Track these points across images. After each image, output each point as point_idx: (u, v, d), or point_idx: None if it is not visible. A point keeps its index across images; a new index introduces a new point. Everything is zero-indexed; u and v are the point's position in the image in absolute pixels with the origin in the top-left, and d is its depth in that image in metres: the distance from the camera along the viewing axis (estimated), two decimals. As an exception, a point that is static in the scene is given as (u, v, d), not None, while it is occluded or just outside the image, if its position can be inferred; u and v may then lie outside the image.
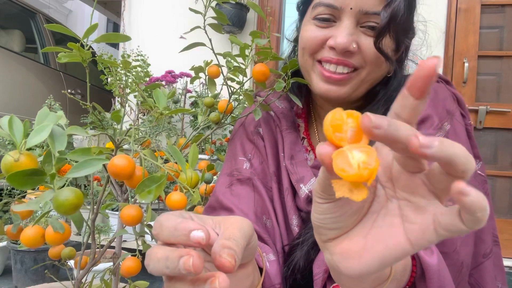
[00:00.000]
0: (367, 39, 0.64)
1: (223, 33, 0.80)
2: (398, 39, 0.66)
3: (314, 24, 0.67)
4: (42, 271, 1.99)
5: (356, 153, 0.27)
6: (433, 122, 0.66)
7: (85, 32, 0.54)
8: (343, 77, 0.65)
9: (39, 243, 0.64)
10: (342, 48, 0.63)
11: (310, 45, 0.67)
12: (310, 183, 0.70)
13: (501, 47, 2.59)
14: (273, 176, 0.75)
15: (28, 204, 0.50)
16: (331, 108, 0.73)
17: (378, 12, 0.63)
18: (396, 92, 0.70)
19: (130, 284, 0.81)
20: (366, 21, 0.64)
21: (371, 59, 0.64)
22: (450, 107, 0.69)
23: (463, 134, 0.68)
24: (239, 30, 2.74)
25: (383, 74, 0.69)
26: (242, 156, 0.77)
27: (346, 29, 0.63)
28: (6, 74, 3.08)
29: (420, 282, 0.50)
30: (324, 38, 0.66)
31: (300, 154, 0.75)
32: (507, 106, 2.54)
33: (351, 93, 0.67)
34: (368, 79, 0.67)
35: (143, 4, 3.02)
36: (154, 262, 0.31)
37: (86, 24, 8.78)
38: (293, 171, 0.72)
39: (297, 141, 0.76)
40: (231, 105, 0.85)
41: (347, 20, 0.63)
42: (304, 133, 0.80)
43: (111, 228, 2.16)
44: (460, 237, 0.60)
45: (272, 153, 0.77)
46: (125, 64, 0.75)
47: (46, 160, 0.46)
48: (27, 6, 3.58)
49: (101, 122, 0.71)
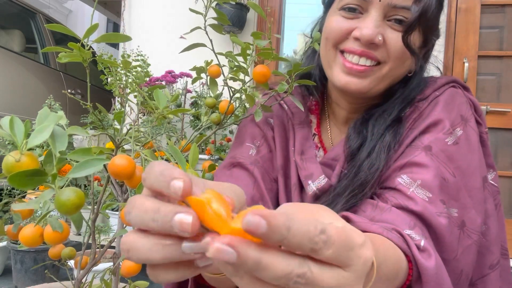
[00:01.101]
0: (393, 33, 0.63)
1: (224, 34, 0.80)
2: (426, 35, 0.65)
3: (341, 14, 0.66)
4: (42, 271, 1.99)
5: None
6: (444, 126, 0.64)
7: (86, 32, 0.54)
8: (364, 68, 0.64)
9: (38, 243, 0.63)
10: (367, 40, 0.62)
11: (335, 35, 0.66)
12: (319, 180, 0.69)
13: (501, 47, 2.59)
14: (280, 169, 0.74)
15: (28, 203, 0.50)
16: (347, 104, 0.74)
17: (406, 6, 0.62)
18: (415, 92, 0.69)
19: (130, 284, 0.81)
20: (394, 15, 0.63)
21: (395, 54, 0.63)
22: (465, 112, 0.68)
23: (476, 142, 0.66)
24: (239, 30, 2.74)
25: (405, 71, 0.68)
26: (249, 143, 0.76)
27: (373, 20, 0.62)
28: (6, 74, 3.07)
29: (417, 285, 0.50)
30: (349, 28, 0.65)
31: (311, 150, 0.74)
32: (507, 106, 2.54)
33: (372, 88, 0.66)
34: (390, 75, 0.66)
35: (143, 4, 3.02)
36: (140, 212, 0.27)
37: (86, 24, 8.77)
38: (303, 167, 0.71)
39: (308, 136, 0.76)
40: (232, 106, 0.85)
41: (375, 12, 0.63)
42: (316, 129, 0.79)
43: (111, 228, 2.16)
44: (462, 245, 0.59)
45: (281, 146, 0.76)
46: (125, 64, 0.75)
47: (47, 160, 0.46)
48: (27, 6, 3.58)
49: (101, 122, 0.71)
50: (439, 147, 0.63)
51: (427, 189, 0.59)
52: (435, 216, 0.57)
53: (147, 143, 0.69)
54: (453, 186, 0.61)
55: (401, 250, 0.49)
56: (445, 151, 0.62)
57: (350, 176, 0.65)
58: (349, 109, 0.74)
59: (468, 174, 0.63)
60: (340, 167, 0.69)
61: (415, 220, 0.56)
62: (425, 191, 0.59)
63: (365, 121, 0.70)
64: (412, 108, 0.69)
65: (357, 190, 0.63)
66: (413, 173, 0.61)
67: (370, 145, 0.66)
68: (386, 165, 0.64)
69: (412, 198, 0.58)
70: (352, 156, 0.68)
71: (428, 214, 0.57)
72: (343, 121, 0.77)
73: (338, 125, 0.78)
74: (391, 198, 0.60)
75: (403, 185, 0.60)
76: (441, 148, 0.63)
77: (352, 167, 0.66)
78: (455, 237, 0.59)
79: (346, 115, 0.76)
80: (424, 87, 0.70)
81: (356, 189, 0.63)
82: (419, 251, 0.50)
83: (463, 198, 0.61)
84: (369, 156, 0.65)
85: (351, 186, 0.64)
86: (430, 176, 0.60)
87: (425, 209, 0.57)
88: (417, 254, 0.49)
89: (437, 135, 0.64)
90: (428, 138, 0.64)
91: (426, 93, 0.70)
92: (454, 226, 0.59)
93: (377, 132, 0.67)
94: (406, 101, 0.69)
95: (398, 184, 0.61)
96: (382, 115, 0.68)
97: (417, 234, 0.53)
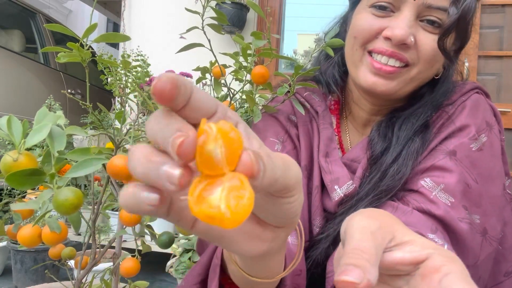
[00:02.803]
0: (426, 34, 0.61)
1: (223, 34, 0.80)
2: (462, 38, 0.63)
3: (371, 12, 0.63)
4: (42, 271, 1.99)
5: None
6: (470, 132, 0.63)
7: (85, 32, 0.54)
8: (393, 69, 0.61)
9: (36, 243, 0.63)
10: (399, 40, 0.59)
11: (364, 34, 0.63)
12: (347, 186, 0.66)
13: (501, 47, 2.59)
14: (304, 170, 0.70)
15: (28, 204, 0.50)
16: (369, 105, 0.71)
17: (443, 7, 0.59)
18: (443, 97, 0.67)
19: (130, 284, 0.81)
20: (427, 15, 0.60)
21: (426, 57, 0.61)
22: (490, 119, 0.66)
23: (498, 149, 0.65)
24: (239, 30, 2.74)
25: (433, 74, 0.66)
26: (273, 137, 0.71)
27: (406, 20, 0.59)
28: (6, 74, 3.07)
29: None
30: (380, 27, 0.62)
31: (335, 152, 0.70)
32: (507, 106, 2.54)
33: (398, 90, 0.64)
34: (418, 78, 0.64)
35: (143, 4, 3.02)
36: (133, 161, 0.24)
37: (86, 24, 8.73)
38: (328, 170, 0.68)
39: (332, 137, 0.72)
40: (233, 106, 0.85)
41: (408, 11, 0.60)
42: (335, 130, 0.76)
43: (111, 228, 2.15)
44: (484, 252, 0.58)
45: (306, 145, 0.72)
46: (125, 64, 0.75)
47: (46, 160, 0.46)
48: (27, 6, 3.58)
49: (101, 122, 0.71)
50: (463, 152, 0.61)
51: (450, 193, 0.58)
52: (457, 221, 0.56)
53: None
54: (475, 192, 0.60)
55: None
56: (469, 156, 0.61)
57: (374, 181, 0.63)
58: (371, 110, 0.72)
59: (490, 181, 0.62)
60: (362, 170, 0.67)
61: (436, 224, 0.56)
62: (447, 195, 0.58)
63: (390, 124, 0.67)
64: (438, 113, 0.67)
65: (381, 195, 0.62)
66: (436, 177, 0.60)
67: (396, 149, 0.64)
68: (412, 171, 0.63)
69: (435, 202, 0.57)
70: (376, 159, 0.66)
71: (449, 219, 0.56)
72: (362, 122, 0.74)
73: (357, 127, 0.76)
74: (412, 201, 0.59)
75: (425, 188, 0.59)
76: (466, 153, 0.61)
77: (376, 171, 0.64)
78: (477, 244, 0.58)
79: (366, 117, 0.73)
80: (452, 92, 0.68)
81: (380, 194, 0.62)
82: None
83: (485, 205, 0.60)
84: (395, 162, 0.63)
85: (375, 191, 0.62)
86: (453, 180, 0.59)
87: (447, 213, 0.56)
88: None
89: (463, 140, 0.62)
90: (453, 142, 0.62)
91: (453, 98, 0.68)
92: (476, 233, 0.58)
93: (403, 137, 0.64)
94: (436, 106, 0.67)
95: (421, 187, 0.59)
96: (409, 119, 0.66)
97: (439, 239, 0.53)
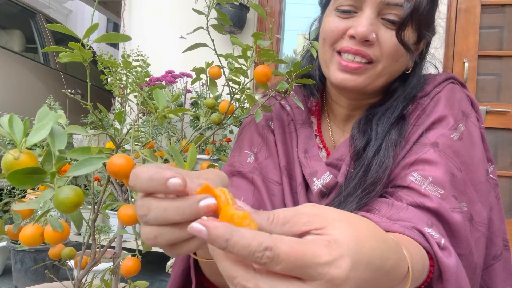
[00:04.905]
0: (387, 31, 0.65)
1: (225, 34, 0.80)
2: (420, 31, 0.66)
3: (336, 15, 0.68)
4: (42, 271, 1.99)
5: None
6: (448, 122, 0.66)
7: (86, 32, 0.54)
8: (358, 66, 0.66)
9: (38, 242, 0.63)
10: (361, 37, 0.63)
11: (331, 35, 0.68)
12: (324, 177, 0.70)
13: (501, 47, 2.59)
14: (284, 170, 0.75)
15: (28, 203, 0.50)
16: (347, 101, 0.74)
17: (399, 3, 0.63)
18: (415, 89, 0.71)
19: (130, 284, 0.81)
20: (387, 13, 0.64)
21: (388, 52, 0.65)
22: (466, 108, 0.69)
23: (477, 136, 0.68)
24: (239, 30, 2.74)
25: (401, 69, 0.70)
26: (247, 150, 0.77)
27: (367, 18, 0.64)
28: (6, 74, 3.07)
29: (437, 283, 0.50)
30: (345, 28, 0.67)
31: (314, 148, 0.75)
32: (507, 106, 2.54)
33: (367, 84, 0.68)
34: (385, 73, 0.67)
35: (143, 4, 3.02)
36: (160, 211, 0.32)
37: (86, 24, 8.73)
38: (307, 165, 0.73)
39: (311, 135, 0.77)
40: (233, 106, 0.85)
41: (369, 10, 0.64)
42: (317, 130, 0.80)
43: (111, 228, 2.16)
44: (473, 238, 0.60)
45: (283, 148, 0.77)
46: (125, 64, 0.75)
47: (46, 159, 0.46)
48: (27, 6, 3.58)
49: (102, 122, 0.71)
50: (445, 142, 0.64)
51: (439, 185, 0.60)
52: (449, 212, 0.58)
53: (147, 143, 0.69)
54: (460, 181, 0.62)
55: (423, 248, 0.50)
56: (451, 146, 0.64)
57: (359, 175, 0.66)
58: (349, 106, 0.76)
59: (473, 168, 0.64)
60: (346, 166, 0.70)
61: (431, 217, 0.57)
62: (436, 187, 0.60)
63: (368, 120, 0.71)
64: (414, 105, 0.70)
65: (369, 189, 0.64)
66: (423, 171, 0.62)
67: (376, 143, 0.67)
68: (394, 162, 0.65)
69: (427, 195, 0.59)
70: (358, 155, 0.69)
71: (443, 210, 0.58)
72: (343, 119, 0.78)
73: (338, 124, 0.79)
74: (405, 197, 0.60)
75: (415, 183, 0.61)
76: (447, 143, 0.64)
77: (360, 166, 0.67)
78: (468, 232, 0.60)
79: (346, 113, 0.77)
80: (424, 84, 0.72)
81: (368, 187, 0.64)
82: (440, 249, 0.51)
83: (469, 192, 0.62)
84: (377, 155, 0.66)
85: (362, 185, 0.64)
86: (440, 172, 0.61)
87: (439, 205, 0.58)
88: (439, 252, 0.50)
89: (443, 131, 0.65)
90: (434, 134, 0.65)
91: (427, 89, 0.71)
92: (466, 220, 0.60)
93: (381, 131, 0.68)
94: (408, 98, 0.70)
95: (411, 182, 0.61)
96: (385, 114, 0.70)
97: (436, 233, 0.54)
